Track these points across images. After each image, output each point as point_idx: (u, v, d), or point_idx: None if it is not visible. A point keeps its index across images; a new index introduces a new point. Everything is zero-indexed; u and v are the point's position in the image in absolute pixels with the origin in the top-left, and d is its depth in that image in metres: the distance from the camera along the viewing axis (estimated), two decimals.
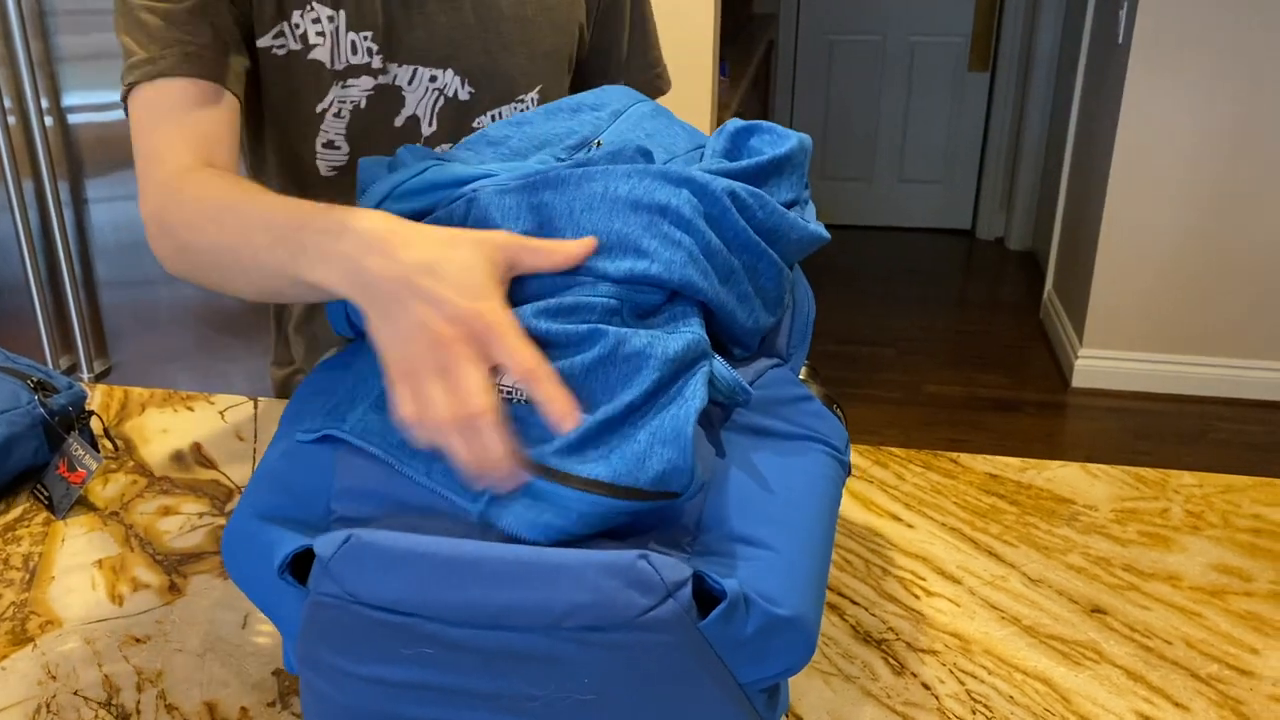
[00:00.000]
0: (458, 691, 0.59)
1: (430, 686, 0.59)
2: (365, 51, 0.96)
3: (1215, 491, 0.95)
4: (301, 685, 0.63)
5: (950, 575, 0.83)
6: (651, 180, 0.65)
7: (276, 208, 0.73)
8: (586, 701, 0.59)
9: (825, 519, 0.65)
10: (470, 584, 0.55)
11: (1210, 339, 3.07)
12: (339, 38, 0.95)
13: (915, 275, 4.21)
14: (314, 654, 0.61)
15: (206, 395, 1.12)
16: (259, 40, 0.94)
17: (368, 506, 0.62)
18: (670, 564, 0.56)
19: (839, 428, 0.69)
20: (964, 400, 3.18)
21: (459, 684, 0.59)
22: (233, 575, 0.64)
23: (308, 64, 0.95)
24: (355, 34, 0.95)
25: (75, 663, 0.74)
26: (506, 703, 0.59)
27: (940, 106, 4.47)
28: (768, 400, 0.68)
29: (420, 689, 0.59)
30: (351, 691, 0.61)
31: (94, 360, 2.15)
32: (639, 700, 0.59)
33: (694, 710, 0.60)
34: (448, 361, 0.59)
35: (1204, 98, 2.86)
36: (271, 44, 0.94)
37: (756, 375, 0.69)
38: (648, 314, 0.65)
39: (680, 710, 0.59)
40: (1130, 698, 0.71)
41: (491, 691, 0.58)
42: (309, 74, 0.95)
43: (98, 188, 2.07)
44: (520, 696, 0.59)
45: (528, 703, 0.59)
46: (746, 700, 0.61)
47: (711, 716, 0.60)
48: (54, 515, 0.91)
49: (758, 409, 0.67)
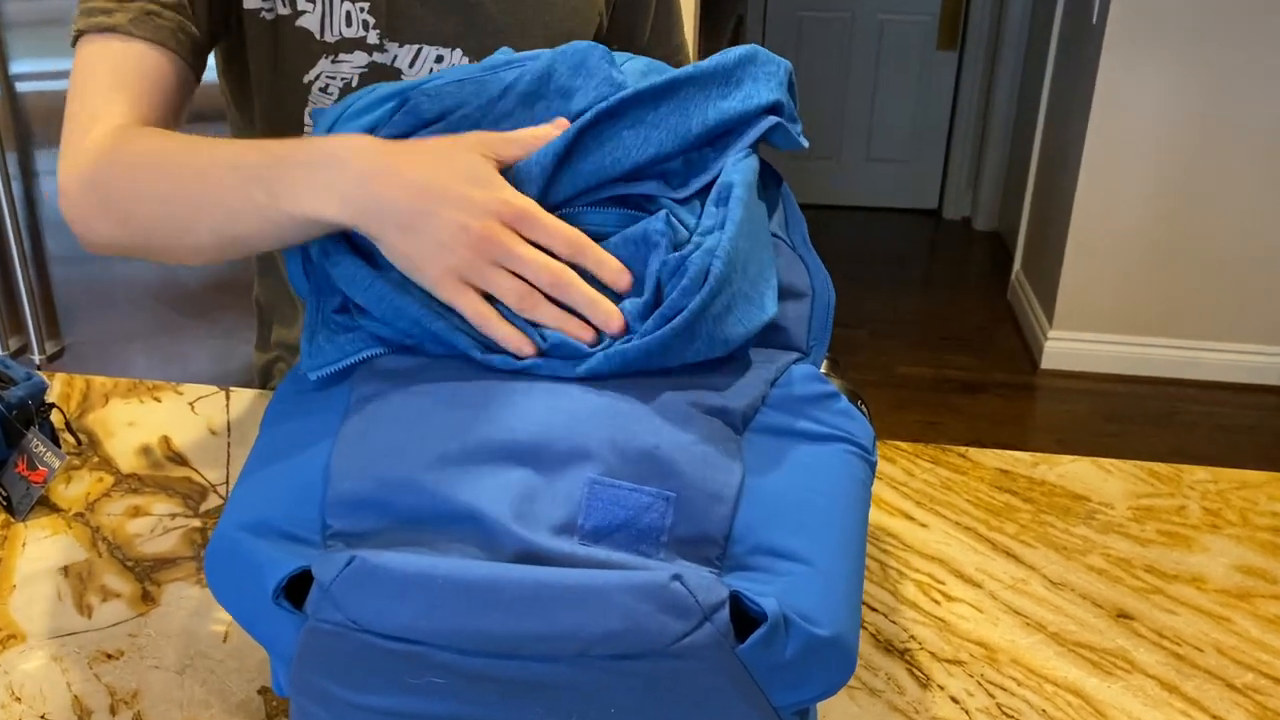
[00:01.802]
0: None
1: (440, 717, 0.54)
2: (361, 25, 0.89)
3: (1231, 487, 0.92)
4: (293, 711, 0.58)
5: (970, 579, 0.80)
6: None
7: (242, 148, 0.68)
8: None
9: (858, 527, 0.61)
10: (487, 610, 0.50)
11: (1180, 321, 3.08)
12: (331, 6, 0.88)
13: (882, 256, 4.20)
14: (310, 681, 0.56)
15: (174, 385, 1.06)
16: (246, 1, 0.87)
17: (367, 519, 0.56)
18: (705, 585, 0.51)
19: (865, 425, 0.65)
20: (934, 382, 3.17)
21: (472, 714, 0.54)
22: (217, 595, 0.58)
23: (295, 31, 0.88)
24: (351, 3, 0.88)
25: (41, 682, 0.68)
26: None
27: (908, 85, 4.44)
28: (792, 399, 0.63)
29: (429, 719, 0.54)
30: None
31: (45, 341, 2.06)
32: None
33: None
34: (497, 252, 0.59)
35: (1179, 79, 2.86)
36: (260, 5, 0.87)
37: (778, 373, 0.64)
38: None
39: None
40: (1166, 710, 0.68)
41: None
42: (296, 41, 0.89)
43: (47, 159, 1.97)
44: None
45: None
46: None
47: None
48: (13, 517, 0.85)
49: (783, 409, 0.63)
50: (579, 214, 0.64)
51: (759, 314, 0.61)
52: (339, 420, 0.60)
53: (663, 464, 0.55)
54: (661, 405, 0.58)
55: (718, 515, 0.56)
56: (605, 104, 0.62)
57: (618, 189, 0.64)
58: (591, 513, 0.55)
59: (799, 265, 0.68)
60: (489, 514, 0.53)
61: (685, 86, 0.65)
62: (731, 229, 0.59)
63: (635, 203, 0.64)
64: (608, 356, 0.57)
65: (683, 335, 0.57)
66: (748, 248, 0.61)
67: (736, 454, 0.58)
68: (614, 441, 0.56)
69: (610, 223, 0.64)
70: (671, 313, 0.56)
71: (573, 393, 0.58)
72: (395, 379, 0.61)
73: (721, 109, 0.64)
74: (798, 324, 0.67)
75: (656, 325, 0.56)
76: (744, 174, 0.63)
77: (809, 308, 0.68)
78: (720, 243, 0.58)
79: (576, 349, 0.58)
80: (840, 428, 0.63)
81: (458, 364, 0.60)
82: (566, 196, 0.63)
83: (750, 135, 0.65)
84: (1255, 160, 2.90)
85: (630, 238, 0.61)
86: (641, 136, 0.63)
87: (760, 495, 0.57)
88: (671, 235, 0.60)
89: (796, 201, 0.72)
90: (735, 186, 0.62)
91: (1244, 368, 3.09)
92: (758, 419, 0.61)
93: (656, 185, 0.64)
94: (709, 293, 0.57)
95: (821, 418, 0.63)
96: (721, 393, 0.60)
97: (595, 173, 0.63)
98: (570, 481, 0.55)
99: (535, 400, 0.58)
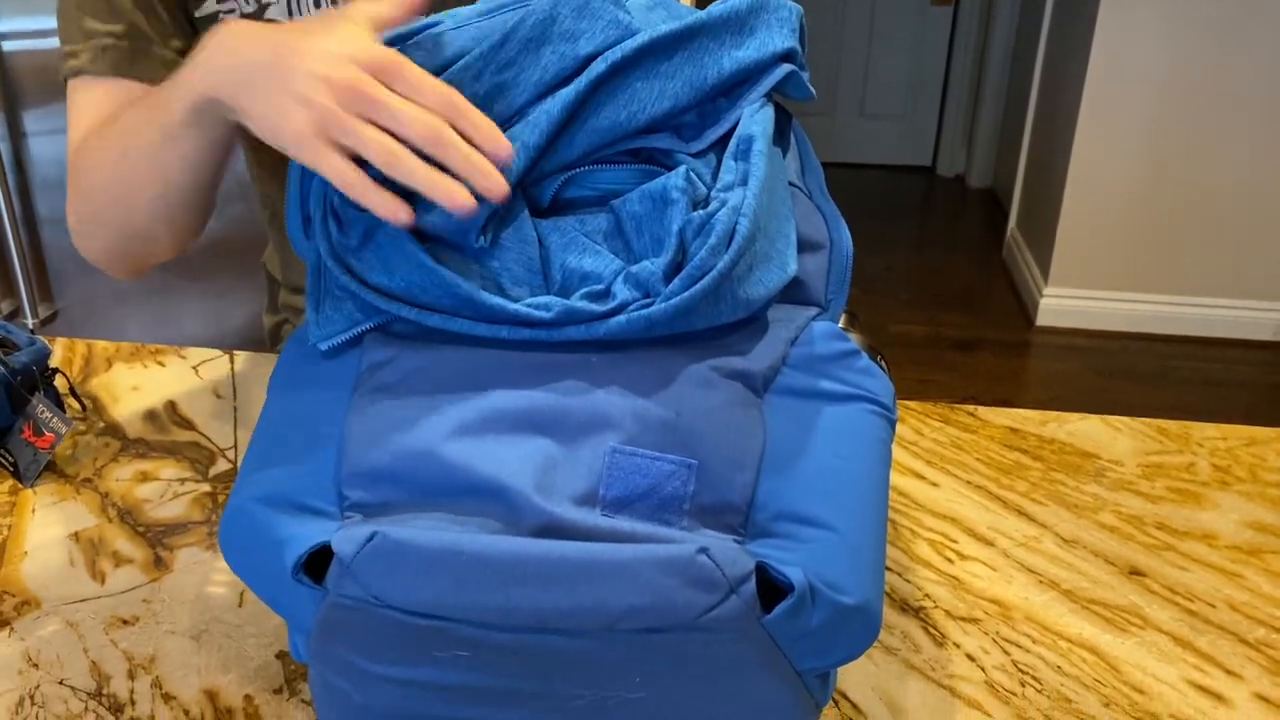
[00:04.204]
0: (495, 692, 0.54)
1: (465, 688, 0.54)
2: (329, 4, 0.87)
3: (1240, 444, 0.92)
4: (312, 679, 0.58)
5: (982, 537, 0.80)
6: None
7: (149, 93, 0.72)
8: (636, 699, 0.54)
9: (881, 489, 0.60)
10: (512, 587, 0.50)
11: (1174, 277, 3.08)
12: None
13: (876, 213, 4.18)
14: (331, 652, 0.56)
15: (177, 349, 1.05)
16: (201, 10, 0.86)
17: (385, 491, 0.55)
18: (731, 556, 0.51)
19: (885, 382, 0.64)
20: (929, 340, 3.17)
21: (497, 685, 0.54)
22: (233, 566, 0.58)
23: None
24: None
25: (58, 648, 0.68)
26: (548, 702, 0.54)
27: (903, 40, 4.40)
28: (813, 358, 0.62)
29: (453, 690, 0.54)
30: (374, 692, 0.55)
31: (39, 305, 2.04)
32: (691, 693, 0.55)
33: (748, 699, 0.56)
34: (362, 104, 0.54)
35: (1177, 35, 2.84)
36: (218, 8, 0.85)
37: (798, 331, 0.63)
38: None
39: (734, 700, 0.55)
40: (1180, 665, 0.68)
41: (532, 692, 0.54)
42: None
43: (36, 119, 1.94)
44: (564, 696, 0.54)
45: (572, 701, 0.54)
46: (802, 685, 0.57)
47: (766, 704, 0.56)
48: (21, 483, 0.84)
49: (804, 369, 0.62)
50: (593, 172, 0.63)
51: (780, 273, 0.60)
52: (350, 388, 0.59)
53: (684, 431, 0.55)
54: (682, 371, 0.57)
55: (740, 482, 0.55)
56: (617, 55, 0.60)
57: (630, 143, 0.63)
58: (613, 482, 0.54)
59: (816, 216, 0.66)
60: (510, 486, 0.53)
61: (698, 35, 0.63)
62: (755, 185, 0.58)
63: (648, 156, 0.63)
64: (630, 320, 0.55)
65: (709, 297, 0.55)
66: (768, 204, 0.60)
67: (758, 418, 0.57)
68: (635, 409, 0.55)
69: (626, 180, 0.62)
70: (699, 273, 0.55)
71: (591, 359, 0.57)
72: (406, 344, 0.59)
73: (737, 58, 0.62)
74: (816, 277, 0.65)
75: (684, 286, 0.55)
76: (763, 126, 0.61)
77: (827, 260, 0.66)
78: (746, 200, 0.57)
79: (590, 311, 0.57)
80: (861, 386, 0.62)
81: (469, 325, 0.59)
82: (581, 153, 0.62)
83: (765, 84, 0.63)
84: (1251, 117, 2.89)
85: (649, 194, 0.60)
86: (656, 89, 0.61)
87: (783, 460, 0.57)
88: (691, 192, 0.59)
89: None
90: (756, 140, 0.60)
91: (1239, 323, 3.10)
92: (779, 380, 0.60)
93: (670, 138, 0.63)
94: (736, 252, 0.56)
95: (843, 376, 0.62)
96: (742, 356, 0.59)
97: (610, 129, 0.61)
98: (591, 451, 0.55)
99: (553, 367, 0.57)
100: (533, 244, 0.60)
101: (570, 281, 0.60)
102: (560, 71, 0.61)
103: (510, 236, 0.60)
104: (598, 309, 0.56)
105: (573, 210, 0.63)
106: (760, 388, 0.59)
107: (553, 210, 0.63)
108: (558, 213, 0.63)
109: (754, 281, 0.58)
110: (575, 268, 0.60)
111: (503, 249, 0.60)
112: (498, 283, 0.60)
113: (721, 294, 0.56)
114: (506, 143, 0.56)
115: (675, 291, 0.55)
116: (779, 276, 0.60)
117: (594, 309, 0.56)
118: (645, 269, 0.57)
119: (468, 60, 0.60)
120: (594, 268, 0.59)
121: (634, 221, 0.60)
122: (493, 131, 0.56)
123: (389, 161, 0.54)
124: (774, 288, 0.59)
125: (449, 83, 0.60)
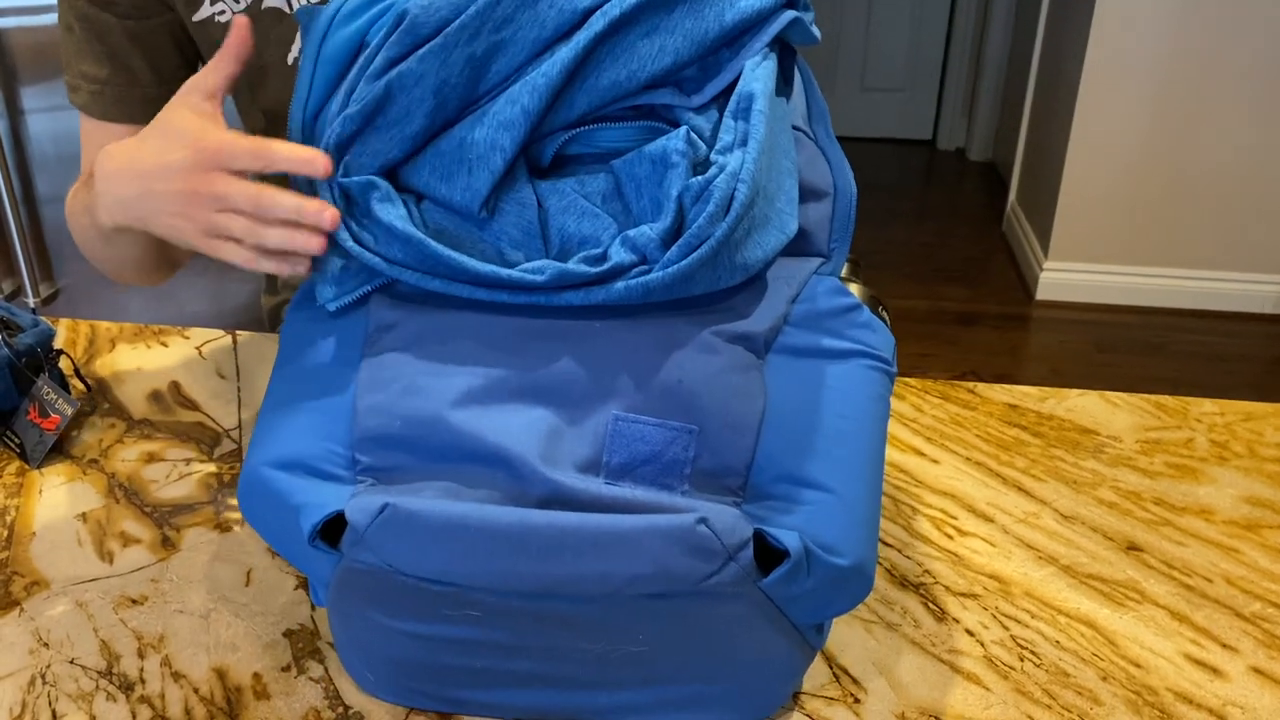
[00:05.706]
0: (504, 646, 0.56)
1: (475, 642, 0.56)
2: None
3: (1237, 420, 0.93)
4: (333, 624, 0.60)
5: (981, 513, 0.81)
6: None
7: (85, 191, 0.80)
8: (639, 651, 0.56)
9: (878, 446, 0.61)
10: (519, 556, 0.51)
11: (1175, 250, 3.08)
12: None
13: (876, 186, 4.17)
14: (349, 606, 0.57)
15: (180, 329, 1.05)
16: (197, 15, 0.86)
17: (395, 456, 0.56)
18: (729, 525, 0.52)
19: (886, 335, 0.64)
20: (928, 314, 3.17)
21: (505, 640, 0.56)
22: (251, 523, 0.60)
23: (265, 13, 0.87)
24: None
25: (68, 628, 0.69)
26: (555, 654, 0.56)
27: (903, 13, 4.37)
28: (815, 315, 0.62)
29: (464, 643, 0.56)
30: (390, 642, 0.57)
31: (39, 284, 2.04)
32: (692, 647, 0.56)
33: (746, 650, 0.57)
34: (207, 201, 0.61)
35: (1178, 8, 2.82)
36: (212, 11, 0.86)
37: (800, 287, 0.63)
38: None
39: (732, 652, 0.57)
40: (1177, 639, 0.69)
41: (540, 646, 0.56)
42: (270, 23, 0.87)
43: (34, 96, 1.94)
44: (569, 650, 0.56)
45: (578, 654, 0.56)
46: (799, 635, 0.58)
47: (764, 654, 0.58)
48: (28, 465, 0.85)
49: (806, 327, 0.61)
50: (595, 131, 0.62)
51: (779, 235, 0.60)
52: (359, 350, 0.60)
53: (686, 397, 0.55)
54: (684, 336, 0.57)
55: (740, 446, 0.56)
56: (615, 11, 0.59)
57: (632, 100, 0.62)
58: (616, 449, 0.55)
59: (821, 161, 0.66)
60: (516, 454, 0.54)
61: None
62: (754, 148, 0.57)
63: (649, 111, 0.62)
64: (628, 287, 0.56)
65: (707, 264, 0.55)
66: (768, 164, 0.59)
67: (759, 381, 0.58)
68: (637, 376, 0.56)
69: (628, 139, 0.62)
70: (696, 241, 0.55)
71: (593, 326, 0.57)
72: (412, 306, 0.60)
73: (739, 8, 0.61)
74: (819, 226, 0.65)
75: (681, 254, 0.55)
76: (764, 81, 0.60)
77: (831, 207, 0.66)
78: (744, 165, 0.56)
79: (584, 273, 0.56)
80: (862, 341, 0.62)
81: (469, 290, 0.58)
82: (582, 113, 0.61)
83: (768, 33, 0.62)
84: (1252, 89, 2.88)
85: (649, 155, 0.59)
86: (657, 45, 0.60)
87: (782, 421, 0.57)
88: (691, 154, 0.58)
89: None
90: (756, 98, 0.59)
91: (1239, 296, 3.09)
92: (780, 339, 0.60)
93: (671, 93, 0.62)
94: (734, 219, 0.55)
95: (844, 331, 0.62)
96: (744, 319, 0.59)
97: (610, 88, 0.60)
98: (595, 418, 0.55)
99: (557, 333, 0.58)
100: (531, 208, 0.60)
101: (569, 245, 0.60)
102: (559, 27, 0.59)
103: (509, 200, 0.60)
104: (591, 271, 0.56)
105: (573, 168, 0.62)
106: (762, 349, 0.59)
107: (554, 168, 0.63)
108: (558, 170, 0.62)
109: (752, 245, 0.58)
110: (574, 232, 0.59)
111: (502, 214, 0.60)
112: (496, 247, 0.60)
113: (719, 260, 0.56)
114: (320, 157, 0.59)
115: (673, 259, 0.55)
116: (778, 239, 0.59)
117: (588, 271, 0.56)
118: (643, 234, 0.56)
119: (464, 19, 0.59)
120: (592, 231, 0.59)
121: (634, 184, 0.59)
122: (297, 154, 0.59)
123: (252, 238, 0.61)
124: (772, 250, 0.59)
125: (446, 46, 0.59)
